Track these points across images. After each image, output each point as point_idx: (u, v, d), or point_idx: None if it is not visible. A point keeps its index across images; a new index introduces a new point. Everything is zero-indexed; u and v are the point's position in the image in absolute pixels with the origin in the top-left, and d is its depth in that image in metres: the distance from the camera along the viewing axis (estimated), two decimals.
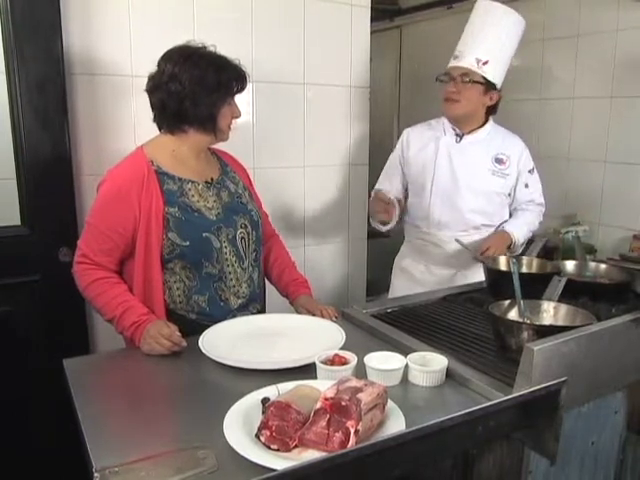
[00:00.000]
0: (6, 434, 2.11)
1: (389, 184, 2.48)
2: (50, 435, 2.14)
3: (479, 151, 2.32)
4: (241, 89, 1.70)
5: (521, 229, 2.32)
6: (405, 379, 1.34)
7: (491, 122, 2.37)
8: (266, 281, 1.95)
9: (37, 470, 2.15)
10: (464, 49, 2.26)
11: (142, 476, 0.98)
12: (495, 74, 2.25)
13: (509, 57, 2.30)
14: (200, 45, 1.66)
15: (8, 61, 1.98)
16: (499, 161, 2.31)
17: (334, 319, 1.75)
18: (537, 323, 1.49)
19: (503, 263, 1.93)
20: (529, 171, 2.37)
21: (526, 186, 2.37)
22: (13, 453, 2.11)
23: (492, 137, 2.35)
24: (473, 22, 2.29)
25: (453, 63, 2.27)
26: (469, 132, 2.33)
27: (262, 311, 1.88)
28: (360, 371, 1.33)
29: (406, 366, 1.34)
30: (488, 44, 2.23)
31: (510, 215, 2.42)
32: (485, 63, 2.22)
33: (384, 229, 2.40)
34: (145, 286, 1.64)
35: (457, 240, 2.25)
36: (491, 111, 2.34)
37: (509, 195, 2.38)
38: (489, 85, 2.25)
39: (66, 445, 1.69)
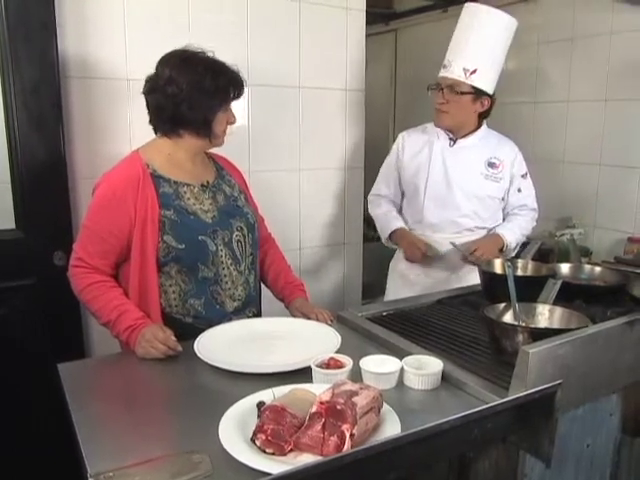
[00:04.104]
0: (1, 438, 2.09)
1: (387, 188, 2.50)
2: (45, 440, 2.13)
3: (472, 155, 2.33)
4: (238, 95, 1.70)
5: (513, 232, 2.34)
6: (401, 382, 1.34)
7: (484, 126, 2.38)
8: (262, 284, 1.95)
9: (33, 475, 2.14)
10: (452, 58, 2.25)
11: None
12: (485, 81, 2.25)
13: (500, 61, 2.29)
14: (199, 50, 1.66)
15: (2, 64, 1.97)
16: (492, 165, 2.33)
17: (330, 322, 1.75)
18: (532, 326, 1.49)
19: (498, 266, 1.93)
20: (522, 176, 2.39)
21: (519, 190, 2.38)
22: (7, 458, 2.10)
23: (485, 141, 2.36)
24: (460, 29, 2.29)
25: (442, 73, 2.28)
26: (462, 136, 2.34)
27: (258, 314, 1.88)
28: (356, 374, 1.33)
29: (401, 369, 1.34)
30: (475, 52, 2.22)
31: (503, 219, 2.43)
32: (473, 72, 2.22)
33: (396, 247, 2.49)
34: (141, 290, 1.64)
35: (452, 243, 2.27)
36: (484, 115, 2.35)
37: (502, 199, 2.39)
38: (479, 93, 2.26)
39: (60, 450, 1.68)
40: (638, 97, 2.81)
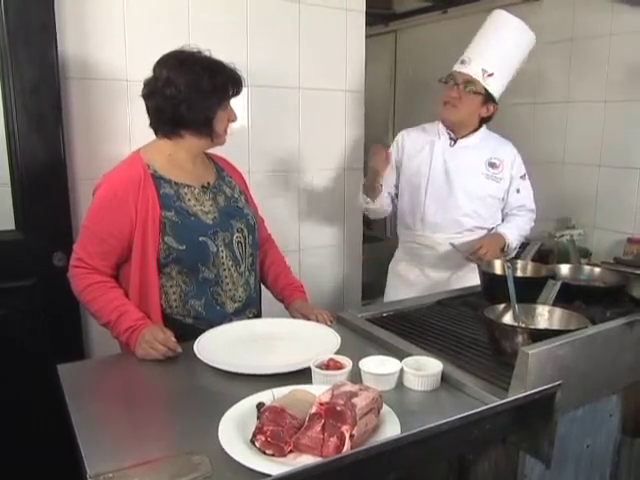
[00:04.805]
0: (1, 438, 2.09)
1: (383, 183, 2.49)
2: (45, 440, 2.13)
3: (473, 155, 2.34)
4: (236, 93, 1.70)
5: (513, 233, 2.34)
6: (400, 383, 1.34)
7: (484, 128, 2.39)
8: (261, 285, 1.95)
9: (33, 475, 2.14)
10: (473, 56, 2.26)
11: None
12: (497, 87, 2.27)
13: (513, 73, 2.31)
14: (195, 50, 1.66)
15: (2, 65, 1.97)
16: (492, 165, 2.33)
17: (329, 323, 1.75)
18: (532, 327, 1.49)
19: (498, 267, 1.93)
20: (521, 177, 2.40)
21: (518, 191, 2.39)
22: (7, 458, 2.09)
23: (485, 142, 2.37)
24: (487, 31, 2.29)
25: (459, 68, 2.27)
26: (463, 136, 2.35)
27: (258, 315, 1.88)
28: (355, 375, 1.33)
29: (401, 370, 1.34)
30: (497, 57, 2.24)
31: (502, 220, 2.43)
32: (490, 75, 2.23)
33: (371, 206, 2.41)
34: (141, 290, 1.64)
35: (451, 243, 2.27)
36: (485, 120, 2.35)
37: (502, 199, 2.39)
38: (488, 97, 2.27)
39: (60, 451, 1.68)
40: (637, 98, 2.81)
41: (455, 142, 2.35)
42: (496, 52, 2.25)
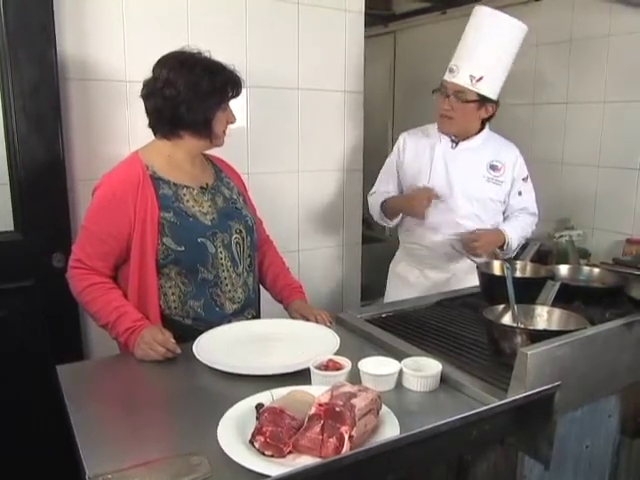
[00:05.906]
0: (1, 438, 2.09)
1: (386, 185, 2.49)
2: (45, 440, 2.13)
3: (474, 158, 2.33)
4: (236, 94, 1.70)
5: (515, 231, 2.33)
6: (399, 384, 1.34)
7: (487, 129, 2.37)
8: (260, 286, 1.95)
9: (32, 475, 2.14)
10: (459, 63, 2.22)
11: None
12: (490, 88, 2.23)
13: (507, 67, 2.27)
14: (195, 51, 1.66)
15: (1, 66, 1.97)
16: (494, 168, 2.32)
17: (328, 324, 1.75)
18: (531, 327, 1.49)
19: (497, 268, 1.93)
20: (523, 179, 2.39)
21: (519, 194, 2.38)
22: (7, 458, 2.09)
23: (487, 144, 2.36)
24: (468, 32, 2.25)
25: (448, 77, 2.25)
26: (464, 139, 2.34)
27: (257, 316, 1.88)
28: (354, 376, 1.33)
29: (400, 371, 1.34)
30: (483, 59, 2.20)
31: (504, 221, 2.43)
32: (479, 80, 2.19)
33: (390, 225, 2.50)
34: (140, 291, 1.64)
35: (451, 245, 2.27)
36: (487, 120, 2.35)
37: (503, 202, 2.39)
38: (484, 100, 2.25)
39: (59, 451, 1.68)
40: (636, 99, 2.82)
41: (457, 144, 2.35)
42: (482, 54, 2.20)
